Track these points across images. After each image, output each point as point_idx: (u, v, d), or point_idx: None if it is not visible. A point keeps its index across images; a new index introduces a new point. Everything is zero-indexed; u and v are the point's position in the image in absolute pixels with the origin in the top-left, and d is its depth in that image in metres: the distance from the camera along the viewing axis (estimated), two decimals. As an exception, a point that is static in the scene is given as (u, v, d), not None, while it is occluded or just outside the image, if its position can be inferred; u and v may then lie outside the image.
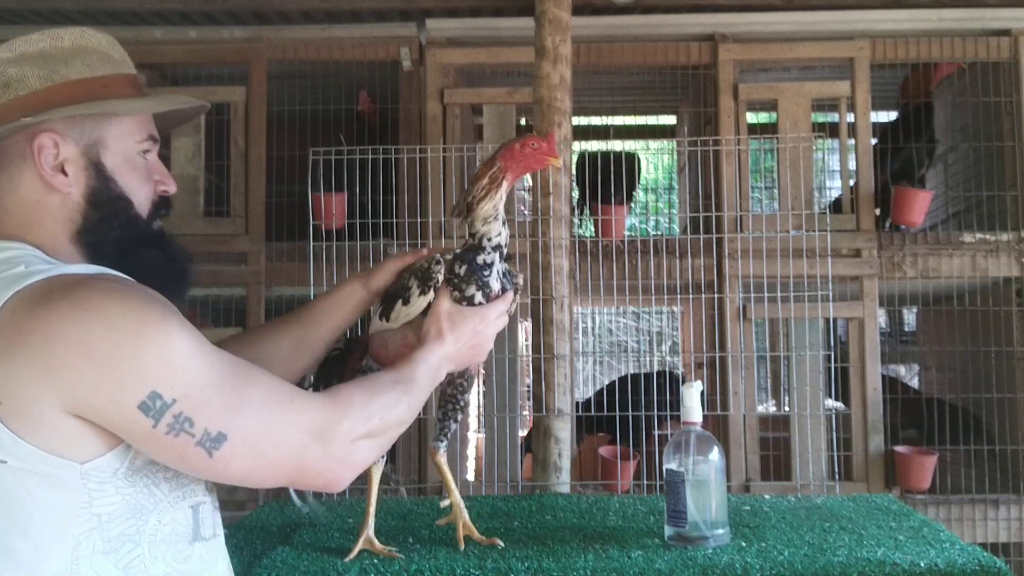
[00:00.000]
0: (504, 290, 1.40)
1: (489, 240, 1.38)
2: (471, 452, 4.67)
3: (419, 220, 3.22)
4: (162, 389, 0.90)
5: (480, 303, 1.36)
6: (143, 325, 0.90)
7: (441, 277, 1.35)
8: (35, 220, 1.03)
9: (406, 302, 1.37)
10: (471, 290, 1.36)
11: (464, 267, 1.36)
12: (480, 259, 1.37)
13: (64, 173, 1.03)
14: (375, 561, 1.45)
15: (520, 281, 1.47)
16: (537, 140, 1.39)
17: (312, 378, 1.53)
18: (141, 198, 1.10)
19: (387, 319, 1.40)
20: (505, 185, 1.38)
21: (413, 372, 1.22)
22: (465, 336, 1.33)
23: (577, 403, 3.53)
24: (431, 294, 1.35)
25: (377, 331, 1.44)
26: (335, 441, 1.03)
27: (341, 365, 1.55)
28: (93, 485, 0.92)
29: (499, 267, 1.40)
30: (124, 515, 0.94)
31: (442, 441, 1.55)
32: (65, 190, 1.04)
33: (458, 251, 1.39)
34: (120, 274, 1.01)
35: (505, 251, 1.41)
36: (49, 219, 1.04)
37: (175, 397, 0.91)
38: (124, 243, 1.07)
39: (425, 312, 1.37)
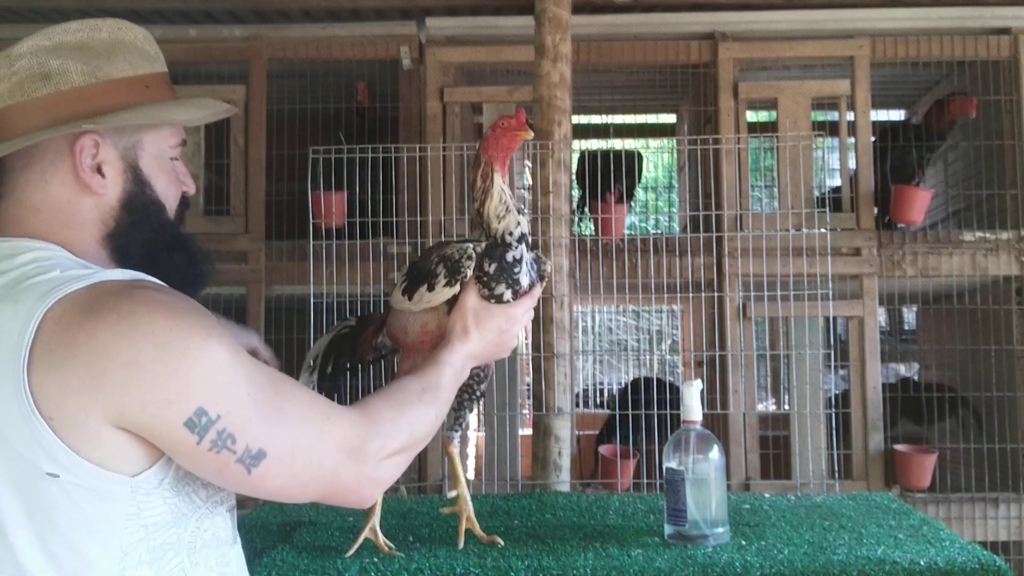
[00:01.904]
0: (532, 285, 1.38)
1: (511, 234, 1.35)
2: (471, 451, 4.67)
3: (419, 219, 3.22)
4: (208, 406, 0.90)
5: (508, 301, 1.34)
6: (190, 341, 0.89)
7: (470, 273, 1.33)
8: (63, 220, 1.01)
9: (430, 288, 1.34)
10: (500, 288, 1.33)
11: (494, 265, 1.33)
12: (510, 256, 1.34)
13: (101, 174, 1.02)
14: (375, 560, 1.45)
15: (548, 268, 1.45)
16: (506, 119, 1.38)
17: (319, 358, 1.52)
18: (171, 200, 1.09)
19: (409, 298, 1.37)
20: (497, 177, 1.37)
21: (439, 377, 1.21)
22: (491, 334, 1.31)
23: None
24: (457, 287, 1.33)
25: (397, 310, 1.42)
26: (367, 459, 1.02)
27: (352, 342, 1.52)
28: (141, 496, 0.91)
29: (528, 258, 1.37)
30: (168, 524, 0.94)
31: (456, 431, 1.54)
32: (100, 192, 1.02)
33: (486, 246, 1.35)
34: (158, 281, 1.00)
35: (529, 239, 1.39)
36: (79, 220, 1.02)
37: (220, 414, 0.90)
38: (153, 247, 1.05)
39: (447, 301, 1.34)
